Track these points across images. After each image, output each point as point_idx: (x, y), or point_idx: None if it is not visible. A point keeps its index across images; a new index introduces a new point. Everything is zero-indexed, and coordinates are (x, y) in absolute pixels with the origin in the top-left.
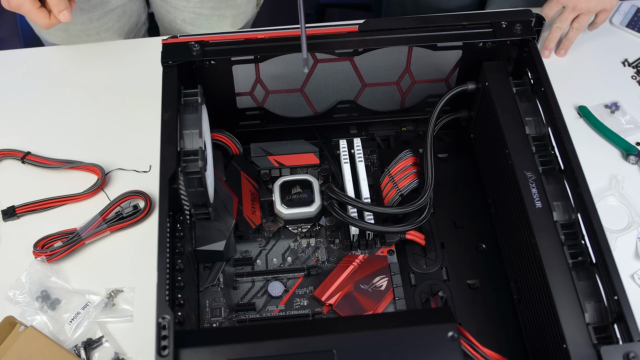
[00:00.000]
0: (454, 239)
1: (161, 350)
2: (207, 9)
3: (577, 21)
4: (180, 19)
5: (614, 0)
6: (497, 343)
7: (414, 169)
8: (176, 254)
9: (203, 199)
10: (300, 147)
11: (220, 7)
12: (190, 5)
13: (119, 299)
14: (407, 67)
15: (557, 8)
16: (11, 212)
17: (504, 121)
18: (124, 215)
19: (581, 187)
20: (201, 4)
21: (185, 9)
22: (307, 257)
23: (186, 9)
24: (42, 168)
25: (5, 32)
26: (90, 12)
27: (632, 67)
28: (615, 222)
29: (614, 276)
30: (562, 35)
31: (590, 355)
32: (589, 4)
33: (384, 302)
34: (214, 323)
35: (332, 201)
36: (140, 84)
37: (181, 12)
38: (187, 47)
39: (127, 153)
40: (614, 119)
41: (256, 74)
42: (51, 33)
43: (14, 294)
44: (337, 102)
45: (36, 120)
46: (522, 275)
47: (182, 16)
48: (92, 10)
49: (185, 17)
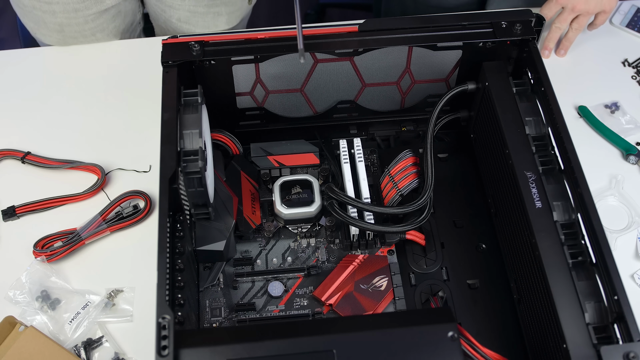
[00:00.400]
0: (454, 239)
1: (161, 350)
2: (202, 7)
3: (577, 22)
4: (176, 17)
5: (613, 2)
6: (497, 343)
7: (414, 169)
8: (176, 254)
9: (203, 199)
10: (300, 147)
11: (215, 5)
12: (185, 4)
13: (119, 299)
14: (407, 67)
15: (556, 9)
16: (11, 212)
17: (504, 121)
18: (124, 215)
19: (581, 187)
20: (196, 3)
21: (180, 8)
22: (307, 257)
23: (181, 7)
24: (42, 168)
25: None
26: (85, 12)
27: (632, 67)
28: (615, 222)
29: (614, 276)
30: (561, 36)
31: (590, 355)
32: (587, 5)
33: (384, 302)
34: (214, 323)
35: (332, 201)
36: (141, 84)
37: (176, 10)
38: (187, 47)
39: (127, 153)
40: (614, 119)
41: (256, 74)
42: (46, 34)
43: (14, 294)
44: (337, 102)
45: (36, 120)
46: (522, 275)
47: (177, 15)
48: (87, 10)
49: (180, 16)
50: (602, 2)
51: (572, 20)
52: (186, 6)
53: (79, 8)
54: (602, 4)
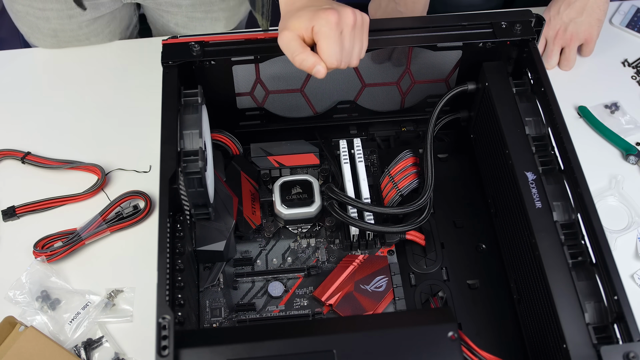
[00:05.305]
0: (454, 239)
1: (161, 350)
2: (199, 12)
3: (564, 57)
4: (174, 22)
5: (592, 30)
6: (497, 343)
7: (414, 169)
8: (176, 254)
9: (203, 199)
10: (300, 147)
11: (212, 10)
12: (182, 10)
13: (119, 299)
14: (407, 67)
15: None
16: (11, 212)
17: (504, 121)
18: (124, 216)
19: (581, 187)
20: (193, 8)
21: (177, 13)
22: (307, 257)
23: (179, 13)
24: (42, 168)
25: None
26: (80, 18)
27: (632, 67)
28: (615, 222)
29: (614, 276)
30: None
31: (590, 355)
32: (564, 39)
33: (384, 302)
34: (214, 323)
35: (332, 201)
36: (141, 84)
37: (174, 15)
38: (187, 48)
39: (127, 153)
40: (614, 119)
41: (256, 74)
42: (40, 39)
43: (14, 294)
44: (337, 102)
45: (36, 120)
46: (522, 275)
47: (175, 20)
48: (81, 16)
49: (178, 21)
50: (578, 35)
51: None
52: (183, 12)
53: (73, 14)
54: (579, 37)
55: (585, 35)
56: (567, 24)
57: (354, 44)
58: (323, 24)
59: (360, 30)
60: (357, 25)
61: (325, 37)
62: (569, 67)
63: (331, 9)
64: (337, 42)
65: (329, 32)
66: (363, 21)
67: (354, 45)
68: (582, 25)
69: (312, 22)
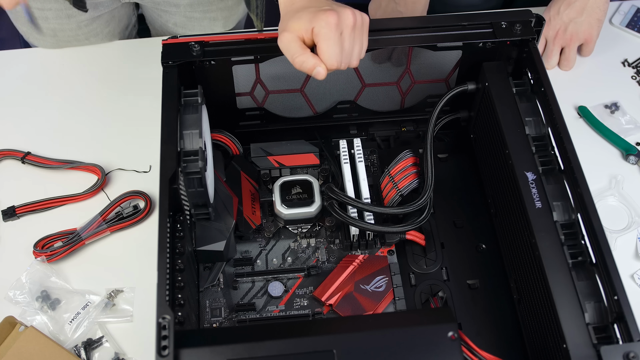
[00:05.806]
0: (454, 239)
1: (161, 350)
2: (198, 12)
3: (564, 57)
4: (172, 22)
5: (592, 30)
6: (497, 343)
7: (414, 169)
8: (176, 254)
9: (203, 199)
10: (300, 147)
11: (210, 10)
12: (180, 10)
13: (119, 299)
14: (407, 67)
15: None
16: (11, 212)
17: (504, 121)
18: (124, 216)
19: (581, 187)
20: (192, 8)
21: (176, 13)
22: (307, 257)
23: (177, 13)
24: (42, 168)
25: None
26: (79, 18)
27: (632, 67)
28: (615, 222)
29: (614, 276)
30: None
31: (590, 355)
32: (564, 39)
33: (384, 302)
34: (214, 323)
35: (332, 201)
36: (141, 84)
37: (172, 15)
38: (187, 48)
39: (127, 153)
40: (614, 119)
41: (256, 74)
42: (39, 39)
43: (14, 294)
44: (337, 102)
45: (36, 120)
46: (522, 275)
47: (173, 20)
48: (80, 16)
49: (176, 21)
50: (577, 35)
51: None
52: (182, 11)
53: (72, 14)
54: (579, 37)
55: (585, 35)
56: (567, 24)
57: (354, 45)
58: (323, 25)
59: (360, 31)
60: (356, 25)
61: (325, 38)
62: (569, 67)
63: (331, 10)
64: (337, 43)
65: (328, 33)
66: (363, 22)
67: (354, 46)
68: (582, 25)
69: (312, 24)
